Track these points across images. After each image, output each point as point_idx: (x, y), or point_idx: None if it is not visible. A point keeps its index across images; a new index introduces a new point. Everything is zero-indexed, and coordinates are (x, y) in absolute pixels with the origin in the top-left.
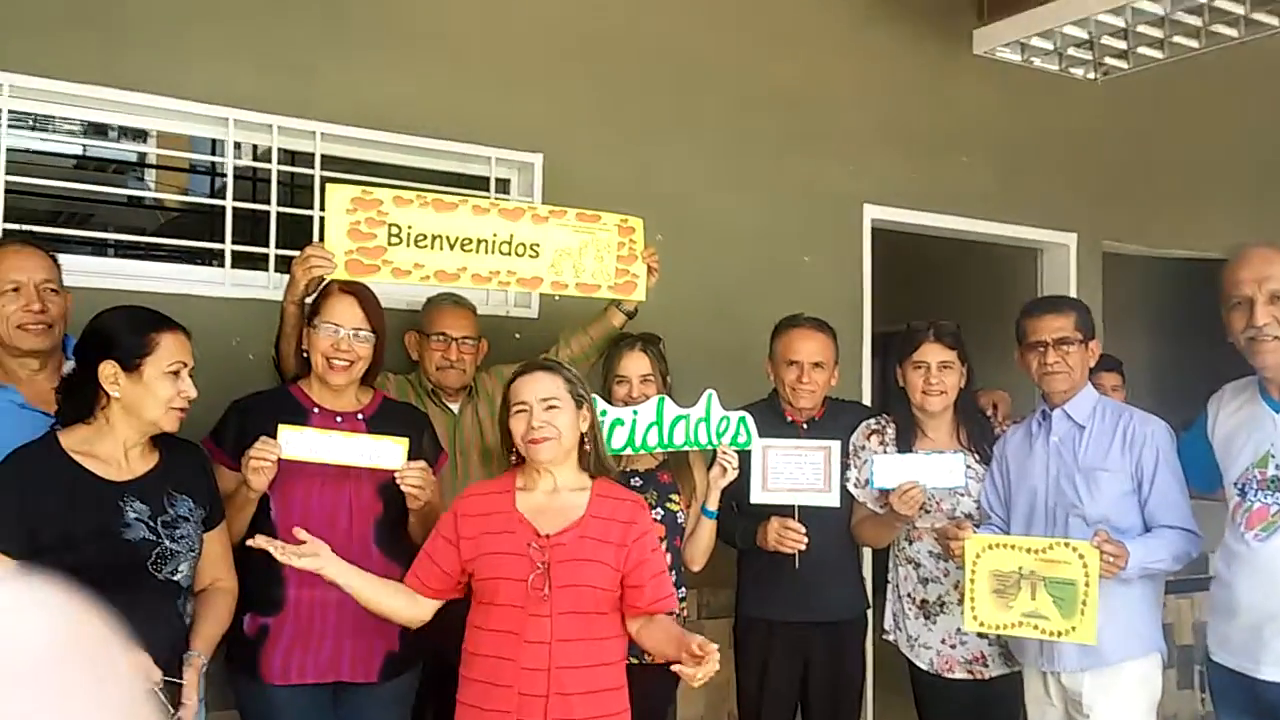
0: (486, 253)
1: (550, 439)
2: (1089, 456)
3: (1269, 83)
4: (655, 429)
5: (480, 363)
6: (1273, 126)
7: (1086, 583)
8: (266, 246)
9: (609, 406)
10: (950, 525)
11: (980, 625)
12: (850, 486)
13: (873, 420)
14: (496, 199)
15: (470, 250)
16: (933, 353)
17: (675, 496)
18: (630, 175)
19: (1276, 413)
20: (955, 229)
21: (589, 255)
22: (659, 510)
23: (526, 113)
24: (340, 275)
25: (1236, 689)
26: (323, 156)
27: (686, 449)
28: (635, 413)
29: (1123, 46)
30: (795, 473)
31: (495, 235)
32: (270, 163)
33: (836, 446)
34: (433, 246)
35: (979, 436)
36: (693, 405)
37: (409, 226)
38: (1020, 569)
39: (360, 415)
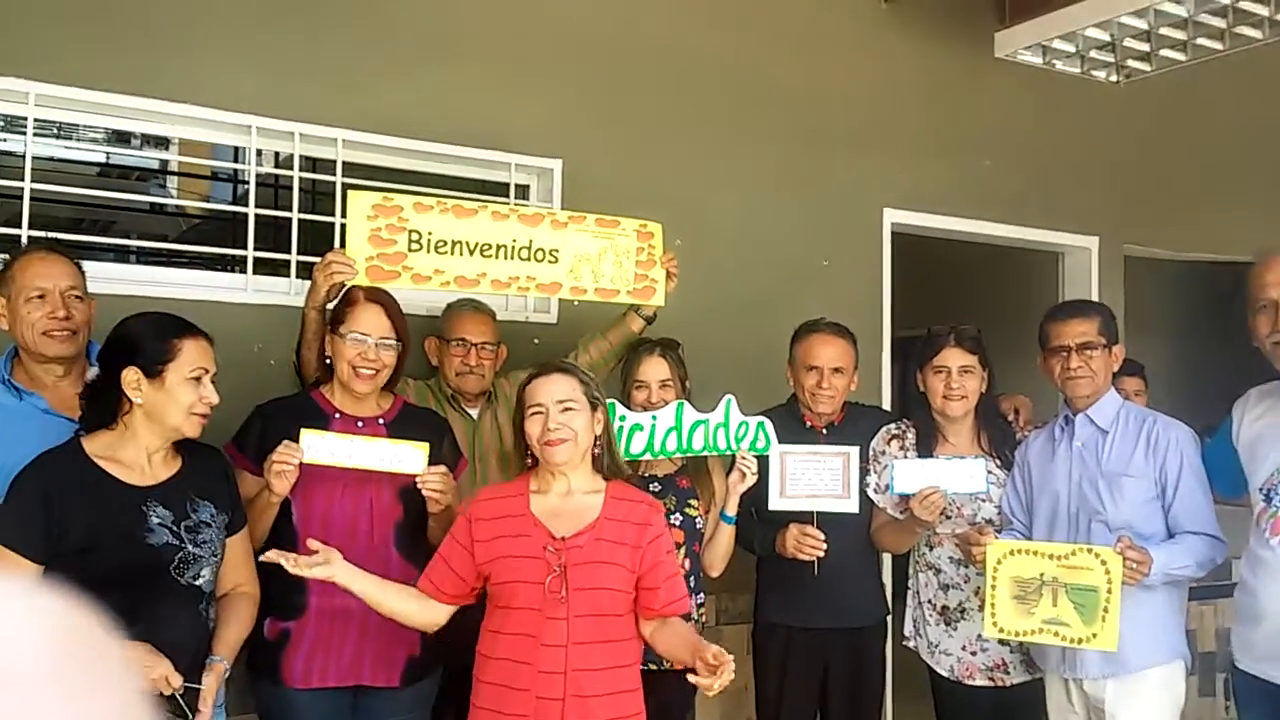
0: (506, 258)
1: (567, 440)
2: (1112, 462)
3: None
4: (674, 434)
5: (499, 368)
6: None
7: (1109, 589)
8: (288, 253)
9: (628, 411)
10: (972, 531)
11: (1000, 632)
12: (870, 492)
13: (893, 425)
14: (516, 205)
15: (490, 256)
16: (954, 357)
17: (694, 502)
18: (649, 180)
19: None
20: (976, 233)
21: (608, 260)
22: (678, 515)
23: (546, 119)
24: (361, 281)
25: (1261, 696)
26: (344, 163)
27: (705, 454)
28: (654, 418)
29: (1145, 49)
30: (814, 479)
31: (515, 241)
32: (292, 169)
33: (855, 452)
34: (453, 252)
35: (1000, 441)
36: (712, 410)
37: (429, 232)
38: (1042, 575)
39: (381, 420)
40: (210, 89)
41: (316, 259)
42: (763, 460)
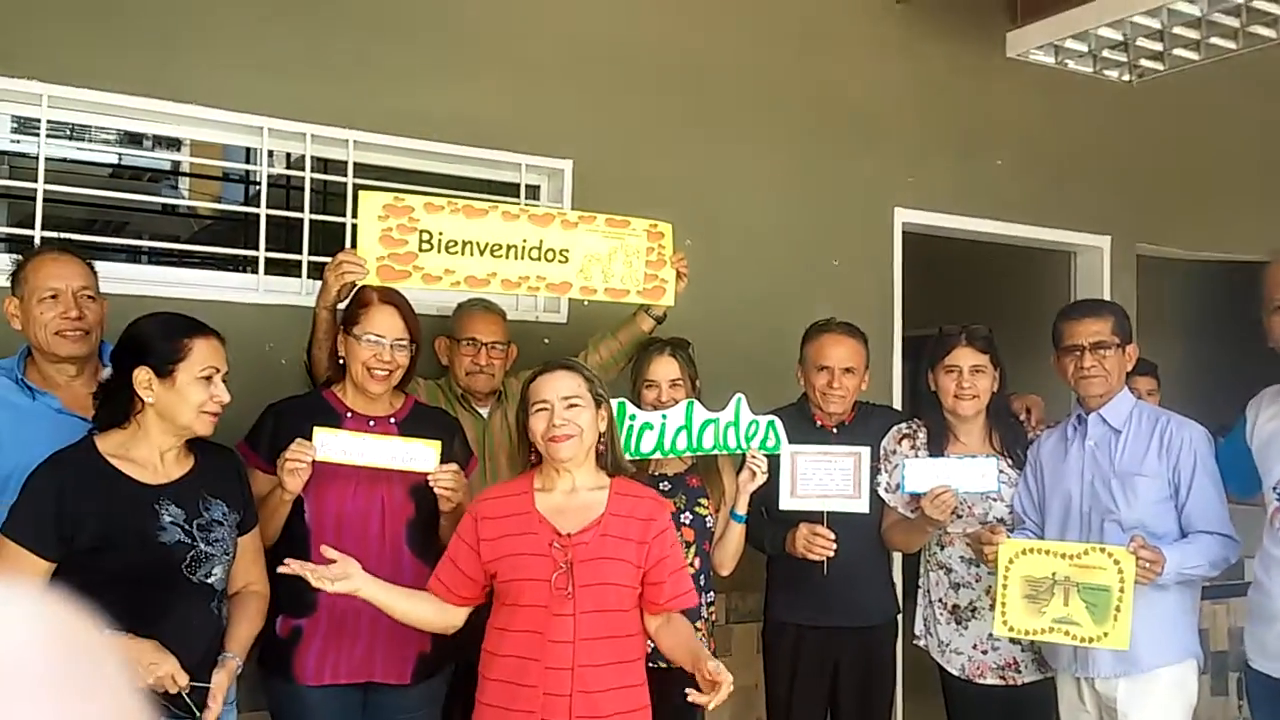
0: (516, 258)
1: (572, 436)
2: (1125, 461)
3: None
4: (684, 433)
5: (509, 368)
6: None
7: (1121, 589)
8: (299, 253)
9: (638, 410)
10: (984, 530)
11: (1010, 631)
12: (881, 491)
13: (904, 424)
14: (526, 205)
15: (500, 256)
16: (965, 357)
17: (704, 501)
18: (659, 180)
19: None
20: (987, 232)
21: (618, 260)
22: (688, 514)
23: (556, 119)
24: (372, 281)
25: (1274, 695)
26: (355, 164)
27: (715, 453)
28: (664, 417)
29: (1158, 48)
30: (824, 479)
31: (525, 241)
32: (303, 170)
33: (866, 452)
34: (463, 252)
35: (1011, 441)
36: (722, 409)
37: (440, 233)
38: (1054, 575)
39: (392, 419)
40: (222, 90)
41: (328, 259)
42: (773, 459)
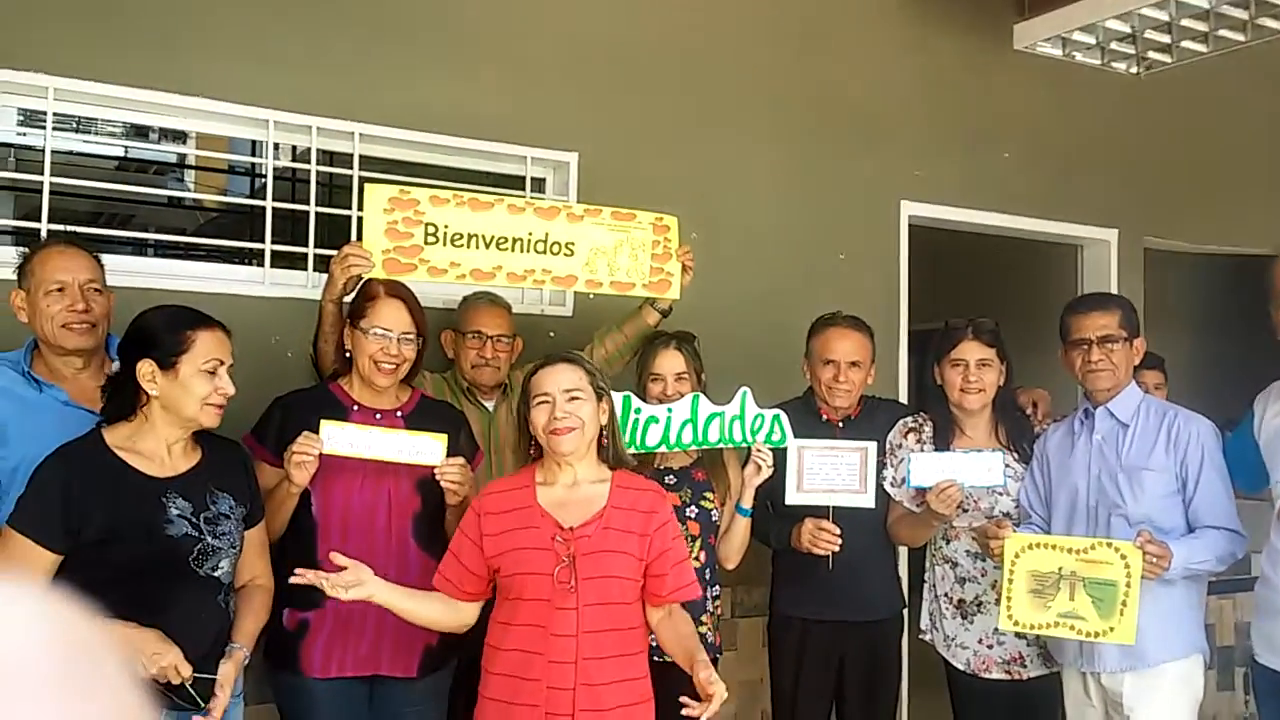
0: (522, 251)
1: (574, 429)
2: (1132, 455)
3: None
4: (690, 426)
5: (515, 361)
6: None
7: (1128, 583)
8: (305, 246)
9: (643, 404)
10: (990, 524)
11: (1015, 625)
12: (887, 485)
13: (910, 418)
14: (532, 198)
15: (506, 249)
16: (971, 350)
17: (710, 494)
18: (665, 173)
19: None
20: (994, 225)
21: (624, 254)
22: (693, 508)
23: (561, 112)
24: (378, 274)
25: None
26: (361, 157)
27: (721, 447)
28: (670, 410)
29: (1166, 40)
30: (831, 474)
31: (531, 234)
32: (309, 163)
33: (873, 447)
34: (469, 245)
35: (1018, 435)
36: (727, 403)
37: (445, 226)
38: (1060, 569)
39: (399, 413)
40: (228, 83)
41: (333, 252)
42: (779, 454)
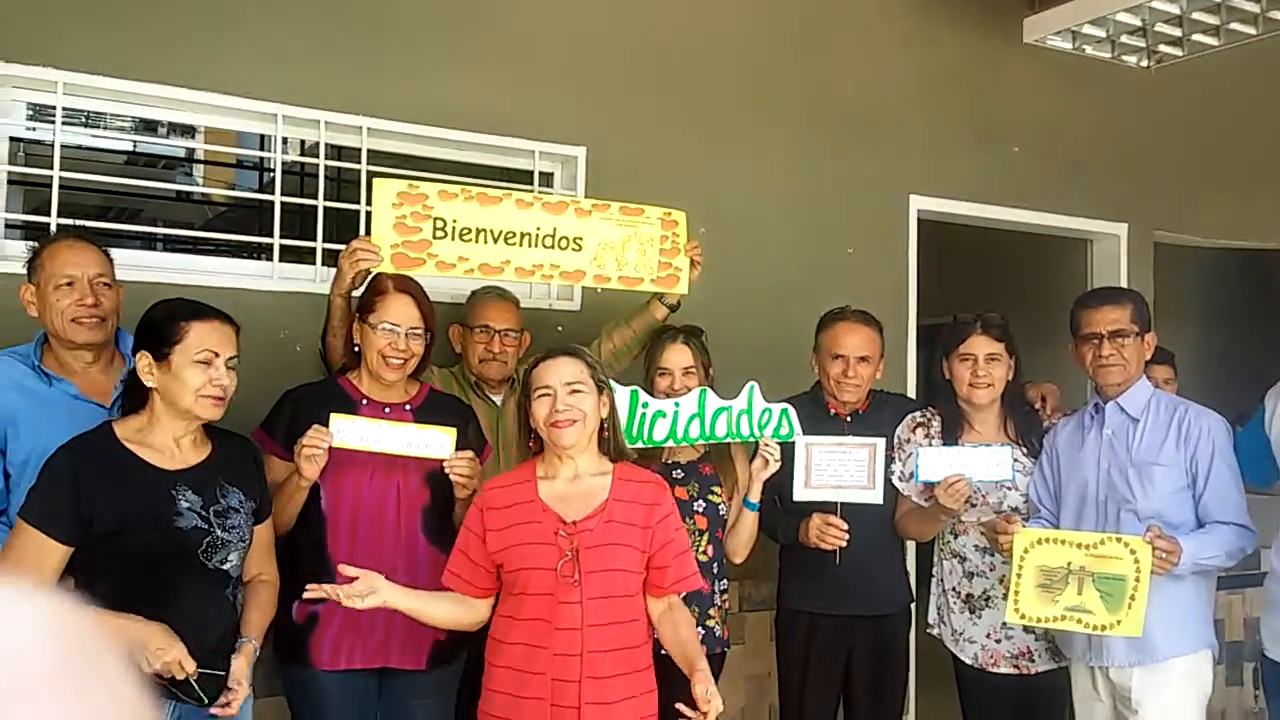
0: (530, 246)
1: (575, 421)
2: (1143, 450)
3: None
4: (697, 421)
5: (523, 355)
6: None
7: (1137, 578)
8: (314, 240)
9: (651, 398)
10: (999, 519)
11: (1022, 618)
12: (895, 479)
13: (918, 413)
14: (540, 193)
15: (514, 244)
16: (980, 345)
17: (717, 489)
18: (673, 168)
19: None
20: (1003, 219)
21: (632, 249)
22: (701, 502)
23: (570, 107)
24: (386, 268)
25: None
26: (369, 151)
27: (729, 441)
28: (677, 405)
29: (1177, 34)
30: (839, 470)
31: (539, 229)
32: (318, 157)
33: (881, 444)
34: (477, 240)
35: (1026, 429)
36: (735, 397)
37: (454, 220)
38: (1069, 564)
39: (407, 407)
40: (236, 77)
41: (342, 246)
42: (787, 448)
